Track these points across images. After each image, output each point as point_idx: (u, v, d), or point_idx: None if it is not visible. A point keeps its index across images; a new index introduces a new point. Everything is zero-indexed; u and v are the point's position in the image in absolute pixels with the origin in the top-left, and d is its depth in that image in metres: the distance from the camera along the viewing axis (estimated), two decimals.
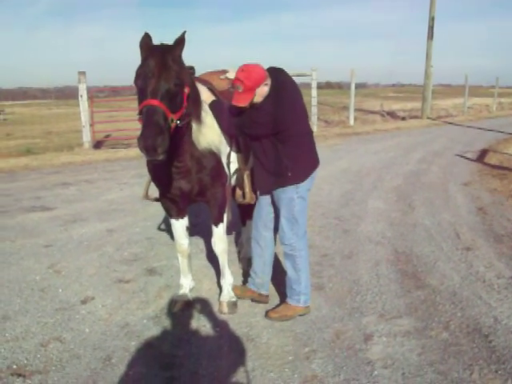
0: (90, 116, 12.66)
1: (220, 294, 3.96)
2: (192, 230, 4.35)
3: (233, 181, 3.98)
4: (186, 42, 2.98)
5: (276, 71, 3.46)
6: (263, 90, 3.31)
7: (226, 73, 3.85)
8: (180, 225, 3.84)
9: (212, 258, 4.59)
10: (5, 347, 3.34)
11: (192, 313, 3.84)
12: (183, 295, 3.98)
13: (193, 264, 4.23)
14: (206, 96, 3.50)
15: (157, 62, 2.83)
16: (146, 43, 2.93)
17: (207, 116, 3.43)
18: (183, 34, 2.98)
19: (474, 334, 3.47)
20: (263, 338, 3.46)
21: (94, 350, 3.32)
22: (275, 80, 3.37)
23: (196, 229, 5.51)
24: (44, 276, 4.53)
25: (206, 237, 5.15)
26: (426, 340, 3.41)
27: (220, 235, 3.78)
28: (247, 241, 4.79)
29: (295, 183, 3.48)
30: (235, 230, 5.52)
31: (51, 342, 3.42)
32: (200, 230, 5.58)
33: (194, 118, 3.28)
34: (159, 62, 2.84)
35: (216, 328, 3.62)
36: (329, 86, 60.99)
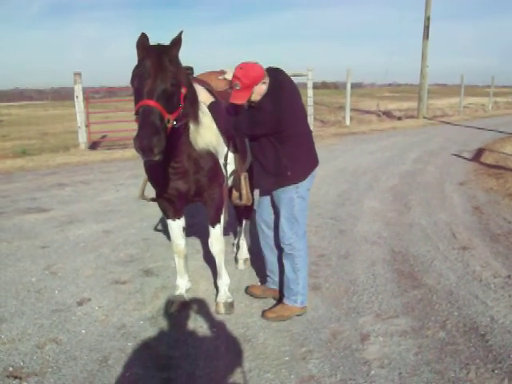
0: (86, 117, 12.63)
1: (217, 295, 3.96)
2: (189, 231, 4.35)
3: (229, 182, 3.98)
4: (183, 42, 2.97)
5: (275, 71, 3.46)
6: (261, 89, 3.31)
7: (224, 73, 3.85)
8: (177, 225, 3.84)
9: (209, 259, 4.59)
10: (1, 349, 3.33)
11: (189, 313, 3.83)
12: (180, 296, 3.98)
13: (189, 265, 4.22)
14: (205, 97, 3.49)
15: (153, 63, 2.82)
16: (142, 43, 2.92)
17: (205, 116, 3.42)
18: (180, 34, 2.97)
19: (470, 333, 3.48)
20: (260, 339, 3.46)
21: (90, 352, 3.31)
22: (274, 80, 3.37)
23: (193, 229, 5.51)
24: (40, 277, 4.52)
25: (203, 237, 5.15)
26: (423, 339, 3.41)
27: (217, 236, 3.77)
28: (245, 239, 4.80)
29: (295, 183, 3.49)
30: (232, 231, 5.52)
31: (47, 343, 3.41)
32: (197, 230, 5.57)
33: (191, 119, 3.27)
34: (155, 63, 2.82)
35: (213, 329, 3.62)
36: (325, 85, 60.97)
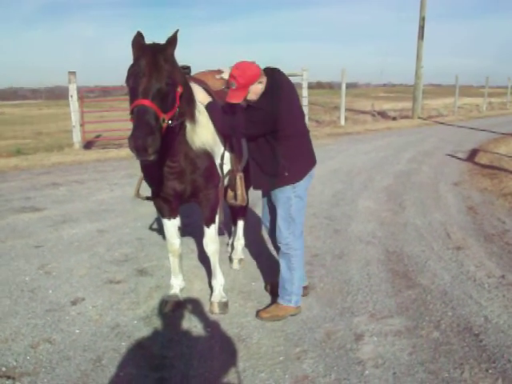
0: (81, 116, 12.59)
1: (211, 295, 3.96)
2: (183, 231, 4.34)
3: (225, 182, 3.98)
4: (179, 41, 2.96)
5: (272, 71, 3.46)
6: (257, 88, 3.31)
7: (221, 72, 3.84)
8: (172, 224, 3.83)
9: (203, 259, 4.58)
10: None
11: (183, 313, 3.83)
12: (174, 295, 3.97)
13: (184, 264, 4.22)
14: (202, 97, 3.47)
15: (148, 62, 2.80)
16: (137, 42, 2.89)
17: (201, 115, 3.40)
18: (175, 32, 2.95)
19: (464, 333, 3.49)
20: (254, 339, 3.46)
21: (84, 352, 3.30)
22: (272, 79, 3.36)
23: (187, 229, 5.49)
24: (34, 277, 4.50)
25: (198, 237, 5.14)
26: (417, 339, 3.42)
27: (211, 236, 3.77)
28: (240, 239, 4.81)
29: (292, 183, 3.49)
30: (227, 231, 5.51)
31: (41, 343, 3.39)
32: (191, 230, 5.56)
33: (187, 118, 3.25)
34: (151, 62, 2.81)
35: (207, 328, 3.61)
36: (320, 85, 61.06)
